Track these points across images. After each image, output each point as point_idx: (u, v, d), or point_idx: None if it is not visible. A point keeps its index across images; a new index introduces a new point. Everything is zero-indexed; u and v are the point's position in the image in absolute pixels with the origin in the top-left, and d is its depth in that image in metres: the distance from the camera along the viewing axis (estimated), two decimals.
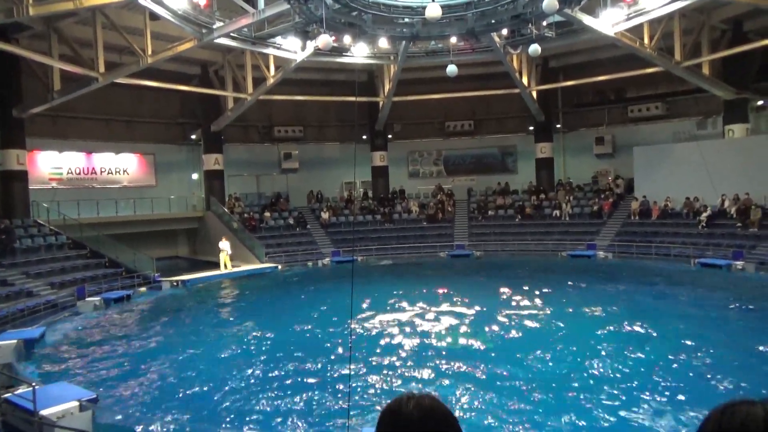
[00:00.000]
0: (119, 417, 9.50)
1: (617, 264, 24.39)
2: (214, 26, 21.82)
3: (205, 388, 10.84)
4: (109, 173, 29.36)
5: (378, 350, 12.82)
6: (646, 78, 27.94)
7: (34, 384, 9.31)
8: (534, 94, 30.81)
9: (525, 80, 29.88)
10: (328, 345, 13.53)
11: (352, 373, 10.89)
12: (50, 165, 27.18)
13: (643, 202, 27.59)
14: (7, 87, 22.68)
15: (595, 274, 22.14)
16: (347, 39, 23.69)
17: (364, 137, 34.46)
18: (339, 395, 10.10)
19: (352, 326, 14.53)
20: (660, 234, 25.78)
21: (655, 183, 27.48)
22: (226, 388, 10.80)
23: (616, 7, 22.53)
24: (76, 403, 9.03)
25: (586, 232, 28.31)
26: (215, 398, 10.29)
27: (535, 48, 20.11)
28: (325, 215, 31.55)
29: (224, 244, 25.69)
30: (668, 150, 27.79)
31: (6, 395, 9.57)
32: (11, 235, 20.69)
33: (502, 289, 19.25)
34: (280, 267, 26.64)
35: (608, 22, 22.79)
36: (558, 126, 33.50)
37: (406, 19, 20.83)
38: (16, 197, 23.38)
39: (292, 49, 25.32)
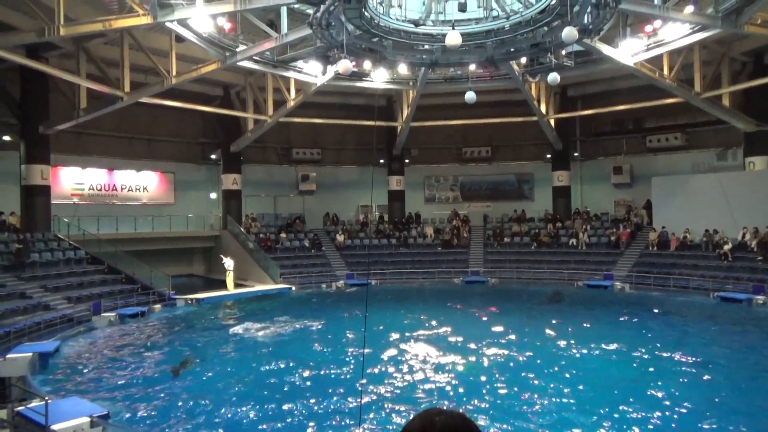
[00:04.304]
0: None
1: (636, 296, 23.97)
2: (238, 49, 22.26)
3: (218, 408, 10.80)
4: (129, 190, 29.80)
5: (388, 379, 12.72)
6: (665, 108, 27.87)
7: (46, 398, 9.37)
8: (552, 122, 30.84)
9: (543, 108, 29.95)
10: (336, 369, 13.46)
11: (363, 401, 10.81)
12: (73, 181, 27.67)
13: (662, 233, 27.28)
14: (35, 104, 23.26)
15: (617, 307, 21.83)
16: (367, 64, 24.00)
17: (381, 161, 34.68)
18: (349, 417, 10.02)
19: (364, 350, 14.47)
20: (678, 266, 25.39)
21: (674, 214, 27.19)
22: (238, 408, 10.76)
23: (635, 37, 22.62)
24: (87, 419, 9.07)
25: (602, 261, 28.00)
26: (226, 418, 10.25)
27: (554, 77, 20.17)
28: (340, 238, 31.61)
29: (228, 263, 25.75)
30: (687, 181, 27.55)
31: (19, 408, 9.63)
32: (27, 248, 20.96)
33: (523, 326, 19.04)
34: (294, 288, 26.67)
35: (627, 53, 22.86)
36: (576, 154, 33.44)
37: (426, 46, 21.05)
38: (38, 211, 23.77)
39: (312, 72, 25.69)
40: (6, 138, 23.52)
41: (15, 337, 15.59)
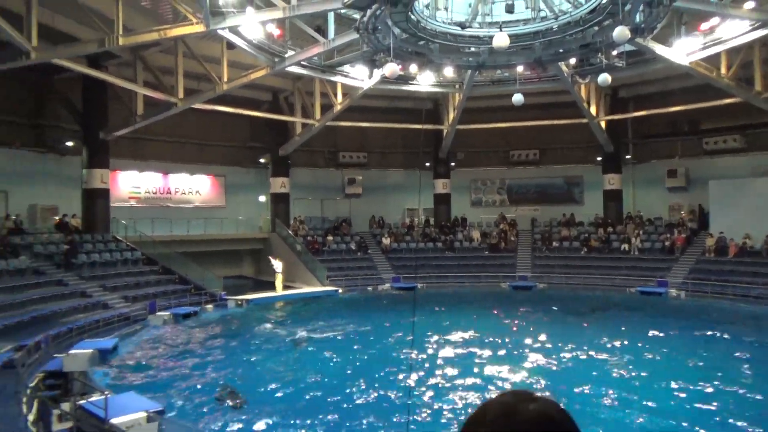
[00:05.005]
0: (184, 430, 9.81)
1: (693, 304, 22.99)
2: (286, 55, 22.68)
3: (270, 406, 11.01)
4: (182, 193, 30.73)
5: (437, 388, 12.69)
6: (722, 109, 26.69)
7: (106, 393, 9.78)
8: (603, 124, 30.12)
9: (593, 110, 29.29)
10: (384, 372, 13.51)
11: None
12: (130, 184, 28.73)
13: (720, 239, 26.21)
14: (96, 111, 24.31)
15: (672, 315, 21.11)
16: (414, 67, 24.05)
17: (427, 164, 34.64)
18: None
19: (411, 356, 14.49)
20: (737, 273, 24.32)
21: (733, 219, 26.09)
22: (290, 407, 10.95)
23: (690, 36, 21.85)
24: (144, 414, 9.41)
25: (656, 267, 27.11)
26: (279, 416, 10.44)
27: (604, 78, 19.69)
28: (386, 241, 31.74)
29: (277, 265, 26.12)
30: (747, 185, 26.42)
31: (81, 402, 10.08)
32: (74, 249, 21.78)
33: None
34: (340, 291, 26.94)
35: (682, 52, 22.12)
36: (627, 157, 32.52)
37: (473, 48, 20.94)
38: (98, 214, 24.82)
39: (359, 77, 25.91)
40: (69, 144, 24.66)
41: (76, 334, 16.31)
